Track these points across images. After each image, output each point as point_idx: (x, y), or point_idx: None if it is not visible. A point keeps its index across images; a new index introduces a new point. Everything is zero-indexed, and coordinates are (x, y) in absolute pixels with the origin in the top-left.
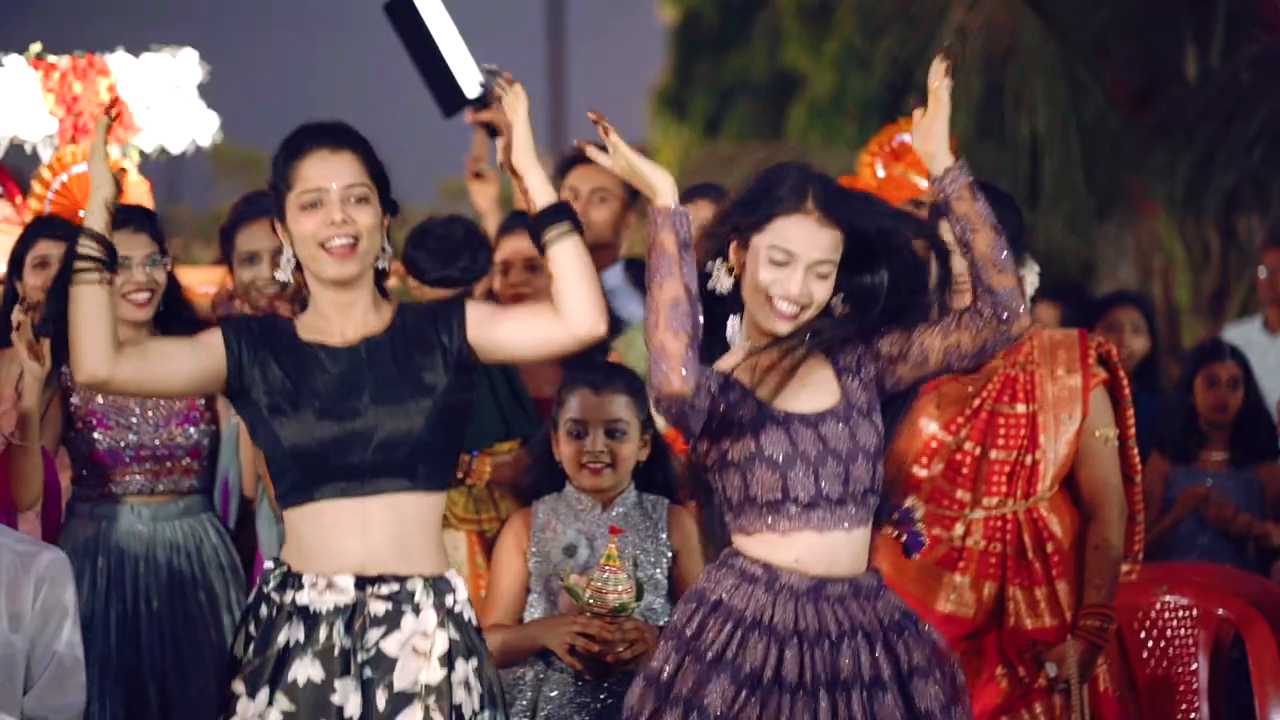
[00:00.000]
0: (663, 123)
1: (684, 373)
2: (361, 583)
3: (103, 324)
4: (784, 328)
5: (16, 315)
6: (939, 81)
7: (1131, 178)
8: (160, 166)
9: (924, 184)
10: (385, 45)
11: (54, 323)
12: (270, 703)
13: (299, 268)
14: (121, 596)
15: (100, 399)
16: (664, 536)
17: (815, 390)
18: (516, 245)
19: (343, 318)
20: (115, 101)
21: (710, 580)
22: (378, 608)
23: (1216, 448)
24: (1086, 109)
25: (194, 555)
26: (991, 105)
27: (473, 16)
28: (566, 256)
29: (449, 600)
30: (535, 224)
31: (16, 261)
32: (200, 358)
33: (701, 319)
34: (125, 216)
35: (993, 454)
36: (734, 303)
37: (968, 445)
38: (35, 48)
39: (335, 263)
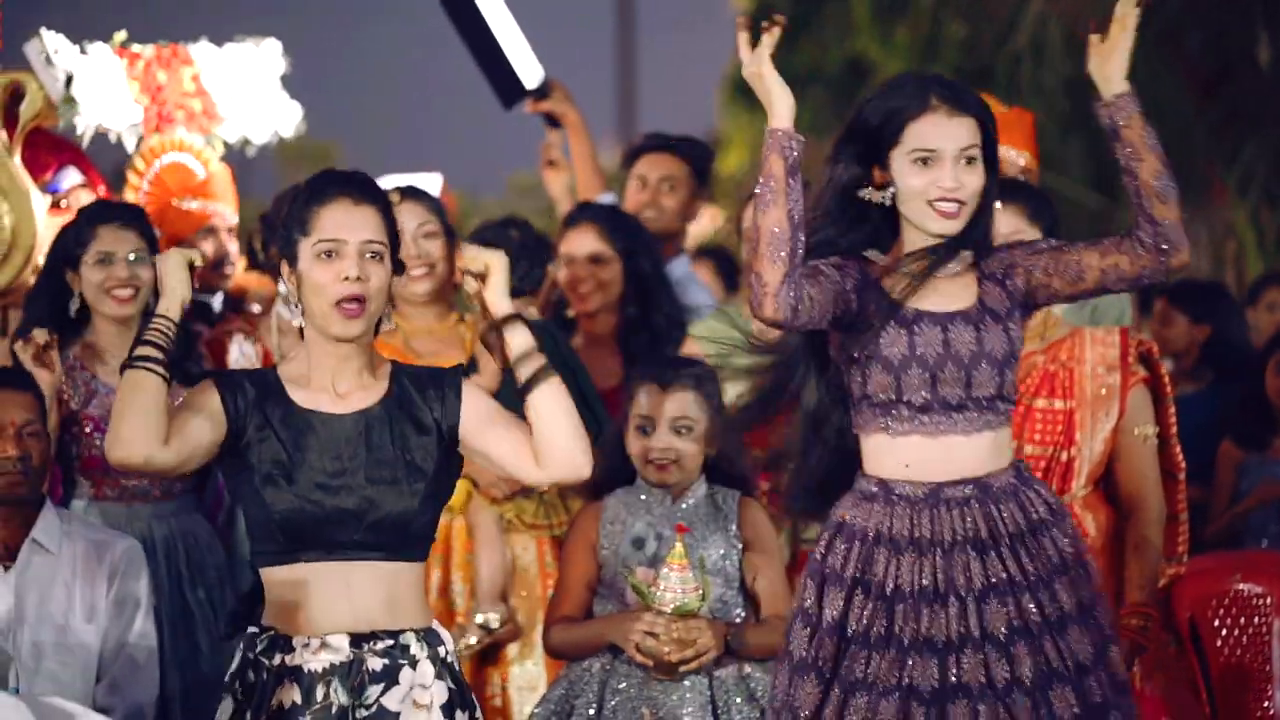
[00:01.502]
0: (734, 112)
1: (777, 302)
2: (356, 640)
3: (158, 414)
4: (952, 226)
5: (37, 339)
6: (1128, 8)
7: (1204, 164)
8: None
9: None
10: (452, 37)
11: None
12: None
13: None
14: (156, 587)
15: (96, 403)
16: (734, 529)
17: (952, 292)
18: (581, 238)
19: (336, 375)
20: None
21: (839, 505)
22: (375, 664)
23: None
24: (1161, 96)
25: (189, 554)
26: (1074, 94)
27: (544, 6)
28: (545, 401)
29: (441, 652)
30: (514, 367)
31: (67, 253)
32: (207, 428)
33: (801, 247)
34: (111, 213)
35: (1028, 449)
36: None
37: None
38: (120, 36)
39: (343, 321)
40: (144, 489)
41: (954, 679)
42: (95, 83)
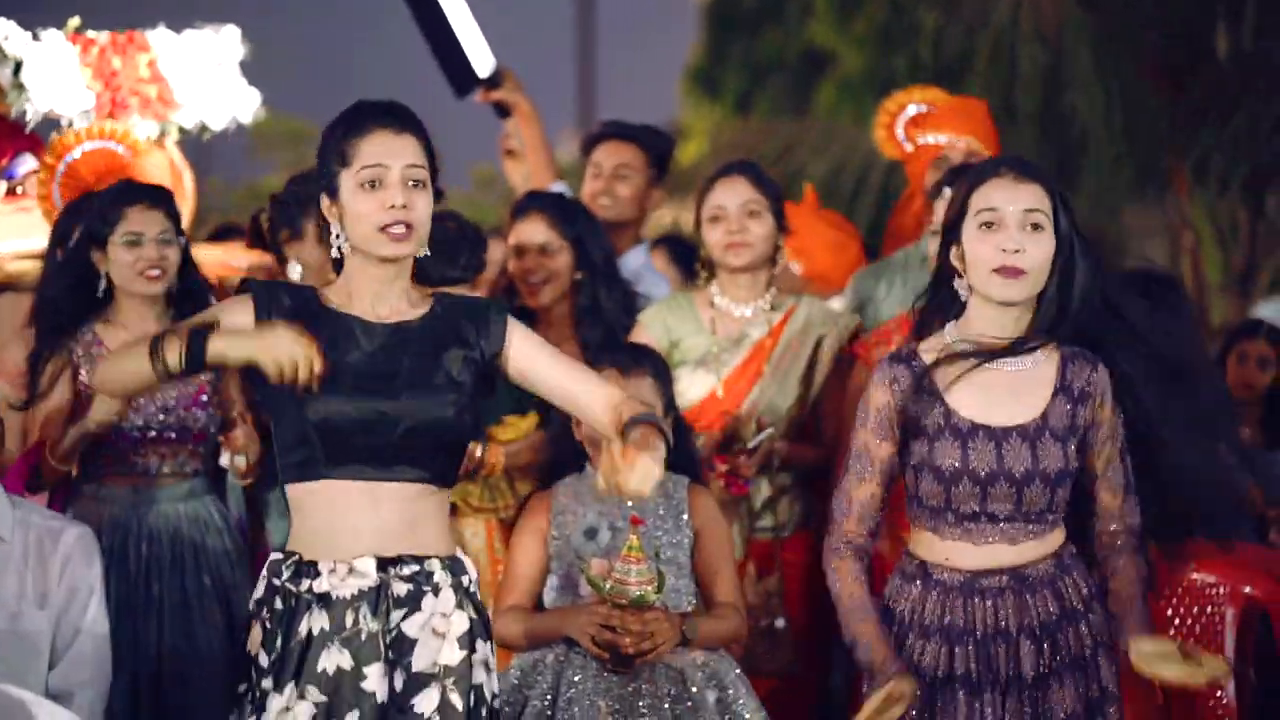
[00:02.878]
0: (694, 101)
1: None
2: (383, 564)
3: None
4: (1016, 291)
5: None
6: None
7: (1162, 156)
8: (192, 138)
9: (944, 142)
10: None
11: (55, 301)
12: (301, 695)
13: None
14: (125, 576)
15: None
16: (685, 518)
17: (1019, 399)
18: (530, 228)
19: (376, 297)
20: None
21: (887, 585)
22: (400, 589)
23: (1248, 426)
24: (1121, 87)
25: (199, 538)
26: (1043, 84)
27: None
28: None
29: (464, 580)
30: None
31: (94, 233)
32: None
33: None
34: (138, 194)
35: None
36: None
37: None
38: (74, 22)
39: (391, 244)
40: (152, 468)
41: None
42: (46, 69)
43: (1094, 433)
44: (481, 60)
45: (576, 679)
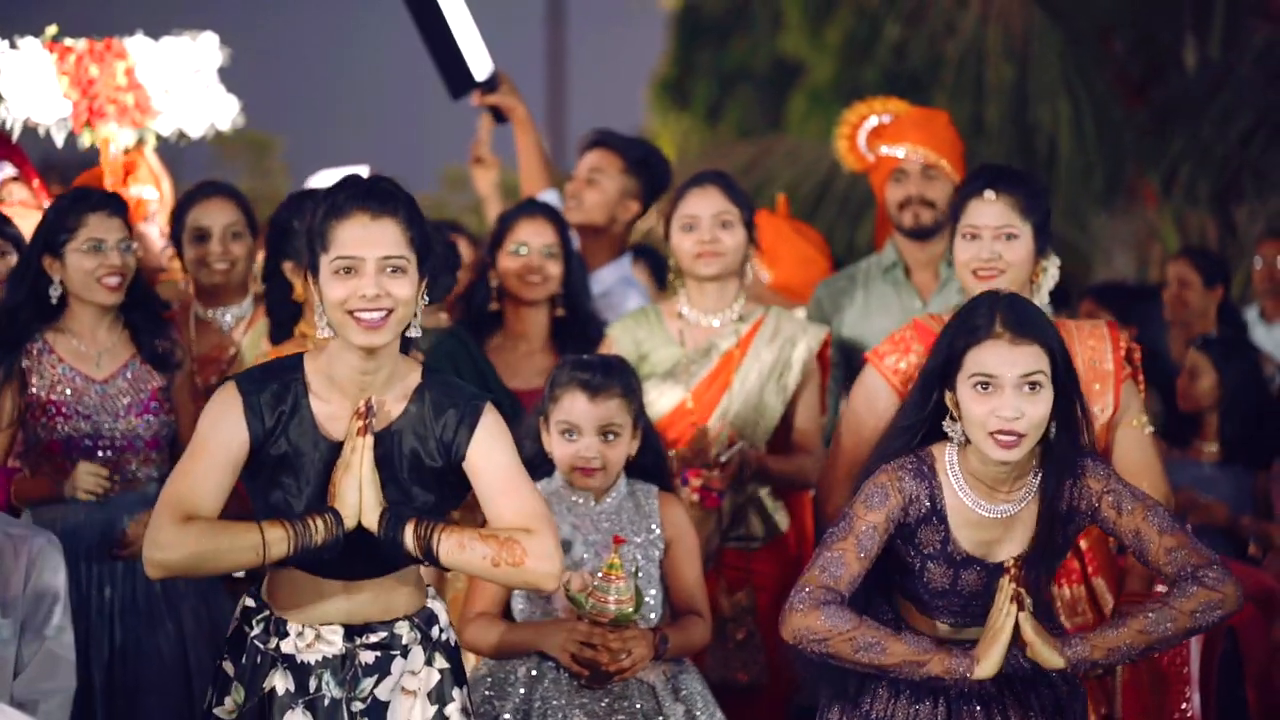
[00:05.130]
0: (663, 110)
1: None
2: (350, 633)
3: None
4: (1010, 455)
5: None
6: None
7: (1130, 166)
8: (160, 148)
9: (902, 154)
10: (388, 32)
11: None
12: None
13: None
14: (77, 584)
15: (61, 389)
16: (656, 529)
17: (1011, 536)
18: (540, 229)
19: (359, 388)
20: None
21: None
22: (367, 657)
23: (1207, 438)
24: (1089, 97)
25: None
26: (1011, 95)
27: (474, 2)
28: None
29: (434, 631)
30: None
31: (50, 240)
32: (233, 460)
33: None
34: (98, 201)
35: None
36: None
37: None
38: (51, 30)
39: (363, 332)
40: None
41: None
42: (22, 77)
43: (1104, 524)
44: (479, 64)
45: (550, 693)
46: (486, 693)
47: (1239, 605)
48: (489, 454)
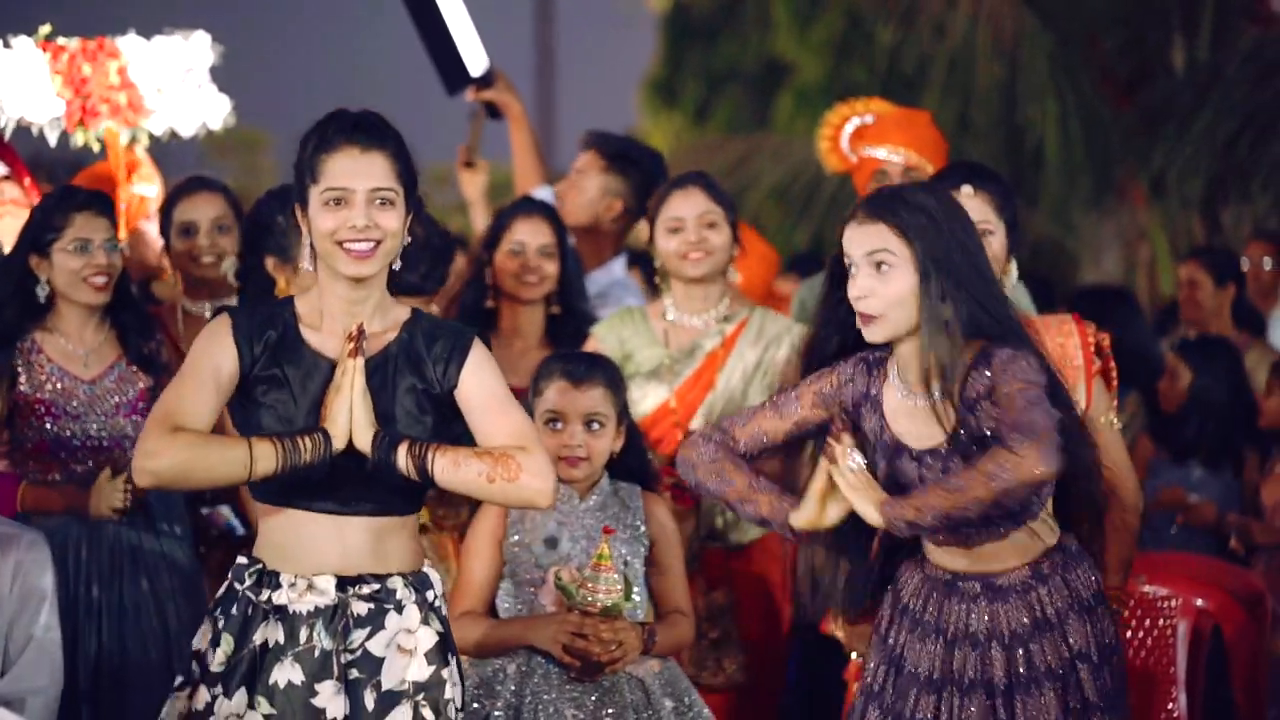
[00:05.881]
0: (653, 110)
1: None
2: (342, 583)
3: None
4: (871, 334)
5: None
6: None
7: (1118, 167)
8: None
9: (883, 155)
10: (377, 30)
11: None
12: (250, 705)
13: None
14: (64, 582)
15: (49, 389)
16: (641, 527)
17: (927, 423)
18: (537, 228)
19: (348, 316)
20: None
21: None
22: (360, 608)
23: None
24: (1077, 98)
25: (137, 545)
26: (1000, 96)
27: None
28: None
29: (429, 596)
30: None
31: (37, 239)
32: (222, 382)
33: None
34: (85, 200)
35: None
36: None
37: None
38: (44, 29)
39: (352, 262)
40: (91, 476)
41: None
42: (16, 77)
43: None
44: (475, 59)
45: (541, 688)
46: (475, 689)
47: (1041, 474)
48: (480, 380)
